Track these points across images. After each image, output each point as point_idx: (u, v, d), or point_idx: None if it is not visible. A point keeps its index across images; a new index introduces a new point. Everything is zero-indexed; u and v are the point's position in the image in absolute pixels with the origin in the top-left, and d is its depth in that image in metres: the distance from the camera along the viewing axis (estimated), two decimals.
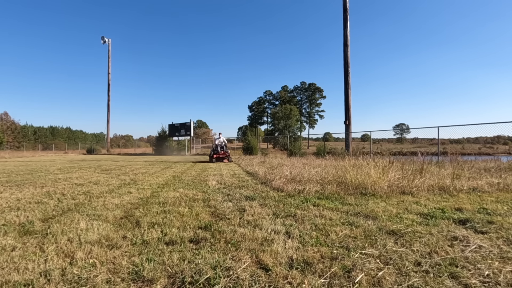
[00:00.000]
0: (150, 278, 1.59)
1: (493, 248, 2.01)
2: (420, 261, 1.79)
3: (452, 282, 1.55)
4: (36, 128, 50.77)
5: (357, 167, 5.30)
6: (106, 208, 3.37)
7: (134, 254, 1.94)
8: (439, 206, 3.41)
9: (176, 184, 5.46)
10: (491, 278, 1.58)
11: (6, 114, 48.82)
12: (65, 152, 36.41)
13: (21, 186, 5.23)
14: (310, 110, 68.88)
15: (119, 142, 50.20)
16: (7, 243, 2.15)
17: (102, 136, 57.86)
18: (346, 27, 16.80)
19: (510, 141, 44.87)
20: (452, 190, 4.42)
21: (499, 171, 6.37)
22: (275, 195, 4.16)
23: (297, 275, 1.61)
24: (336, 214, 3.00)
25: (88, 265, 1.76)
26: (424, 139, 35.82)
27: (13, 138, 45.61)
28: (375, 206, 3.36)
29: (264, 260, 1.81)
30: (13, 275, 1.63)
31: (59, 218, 2.87)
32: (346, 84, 16.85)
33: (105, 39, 35.61)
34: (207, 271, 1.66)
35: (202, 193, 4.45)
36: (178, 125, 29.64)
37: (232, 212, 3.15)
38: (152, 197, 4.12)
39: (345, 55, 16.88)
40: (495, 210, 3.13)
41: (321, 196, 4.09)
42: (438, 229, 2.46)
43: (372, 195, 4.13)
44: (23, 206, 3.48)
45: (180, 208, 3.31)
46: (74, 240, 2.22)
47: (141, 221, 2.76)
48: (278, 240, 2.19)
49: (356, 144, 22.95)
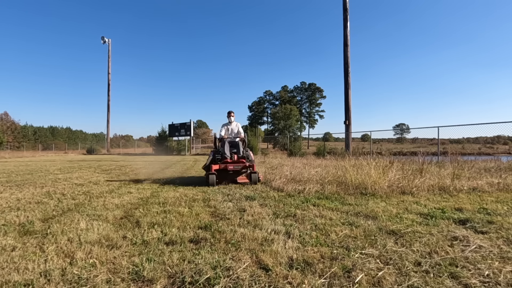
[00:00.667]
0: (150, 278, 1.59)
1: (493, 248, 2.01)
2: (420, 261, 1.79)
3: (452, 282, 1.55)
4: (36, 128, 50.78)
5: (357, 167, 5.30)
6: (106, 208, 3.37)
7: (134, 254, 1.94)
8: (439, 206, 3.41)
9: (176, 184, 5.46)
10: (491, 278, 1.58)
11: (6, 114, 48.83)
12: (65, 152, 36.40)
13: (21, 186, 5.23)
14: (310, 110, 68.87)
15: (119, 142, 50.15)
16: (7, 243, 2.15)
17: (102, 136, 57.85)
18: (346, 27, 16.80)
19: (510, 141, 44.84)
20: (452, 190, 4.42)
21: (499, 171, 6.36)
22: (275, 195, 4.16)
23: (297, 275, 1.61)
24: (336, 214, 3.00)
25: (88, 265, 1.76)
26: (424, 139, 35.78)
27: (13, 138, 45.60)
28: (375, 206, 3.36)
29: (264, 260, 1.81)
30: (13, 275, 1.63)
31: (59, 218, 2.87)
32: (346, 84, 16.85)
33: (105, 39, 35.58)
34: (207, 271, 1.66)
35: (202, 193, 4.45)
36: (178, 125, 29.62)
37: (232, 212, 3.15)
38: (152, 197, 4.12)
39: (345, 55, 16.88)
40: (495, 210, 3.13)
41: (321, 196, 4.09)
42: (438, 229, 2.46)
43: (372, 195, 4.13)
44: (23, 206, 3.48)
45: (180, 208, 3.31)
46: (74, 240, 2.22)
47: (141, 221, 2.76)
48: (278, 240, 2.19)
49: (356, 144, 22.92)
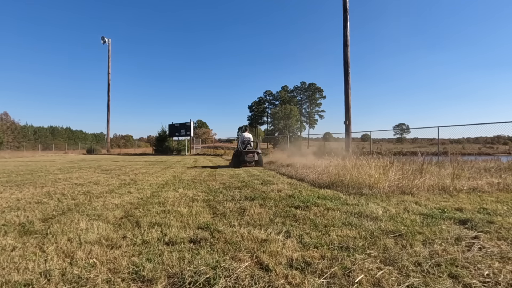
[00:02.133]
0: (150, 278, 1.59)
1: (493, 248, 2.01)
2: (420, 261, 1.79)
3: (452, 282, 1.55)
4: (36, 128, 50.78)
5: (357, 167, 5.31)
6: (106, 208, 3.37)
7: (134, 254, 1.94)
8: (439, 206, 3.41)
9: (176, 184, 5.46)
10: (491, 278, 1.58)
11: (6, 114, 48.87)
12: (65, 152, 36.42)
13: (21, 186, 5.23)
14: (310, 110, 68.89)
15: (119, 142, 50.18)
16: (7, 243, 2.15)
17: (102, 136, 57.88)
18: (346, 27, 16.80)
19: (510, 141, 44.83)
20: (452, 190, 4.41)
21: (499, 171, 6.36)
22: (275, 195, 4.16)
23: (297, 275, 1.61)
24: (336, 214, 3.00)
25: (88, 265, 1.76)
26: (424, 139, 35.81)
27: (13, 138, 45.60)
28: (375, 206, 3.35)
29: (264, 260, 1.81)
30: (13, 275, 1.63)
31: (59, 218, 2.87)
32: (346, 84, 16.84)
33: (105, 39, 35.59)
34: (207, 271, 1.66)
35: (202, 193, 4.45)
36: (178, 125, 29.63)
37: (232, 212, 3.15)
38: (152, 197, 4.12)
39: (345, 55, 16.88)
40: (495, 210, 3.12)
41: (321, 196, 4.08)
42: (438, 229, 2.46)
43: (372, 195, 4.13)
44: (23, 206, 3.48)
45: (180, 208, 3.31)
46: (74, 240, 2.22)
47: (141, 221, 2.76)
48: (278, 240, 2.19)
49: (356, 144, 22.94)
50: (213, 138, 48.34)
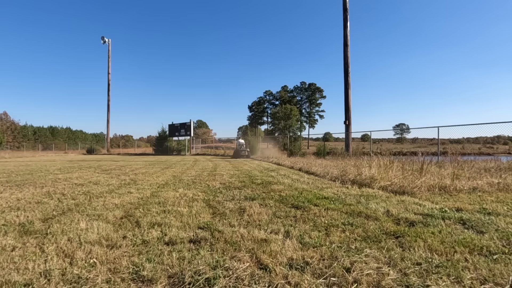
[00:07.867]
0: (150, 278, 1.59)
1: (493, 248, 2.01)
2: (420, 262, 1.79)
3: (452, 282, 1.55)
4: (36, 128, 50.75)
5: (357, 167, 5.30)
6: (106, 208, 3.37)
7: (134, 254, 1.94)
8: (439, 206, 3.41)
9: (176, 184, 5.46)
10: (491, 278, 1.58)
11: (6, 114, 48.83)
12: (65, 152, 36.40)
13: (21, 186, 5.23)
14: (310, 110, 68.90)
15: (119, 142, 50.16)
16: (7, 243, 2.15)
17: (102, 136, 57.86)
18: (346, 27, 16.80)
19: (510, 141, 44.84)
20: (452, 190, 4.41)
21: (499, 171, 6.36)
22: (275, 195, 4.16)
23: (297, 275, 1.61)
24: (336, 214, 3.00)
25: (88, 265, 1.76)
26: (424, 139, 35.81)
27: (13, 138, 45.59)
28: (376, 206, 3.36)
29: (264, 260, 1.81)
30: (13, 275, 1.63)
31: (59, 218, 2.87)
32: (346, 84, 16.85)
33: (105, 39, 35.58)
34: (207, 271, 1.66)
35: (202, 193, 4.45)
36: (178, 125, 29.61)
37: (232, 212, 3.15)
38: (152, 197, 4.12)
39: (345, 55, 16.88)
40: (495, 210, 3.13)
41: (321, 196, 4.08)
42: (438, 229, 2.46)
43: (372, 195, 4.13)
44: (23, 206, 3.48)
45: (180, 208, 3.31)
46: (74, 240, 2.22)
47: (141, 221, 2.76)
48: (278, 240, 2.19)
49: (356, 144, 22.93)
50: (213, 138, 48.30)
